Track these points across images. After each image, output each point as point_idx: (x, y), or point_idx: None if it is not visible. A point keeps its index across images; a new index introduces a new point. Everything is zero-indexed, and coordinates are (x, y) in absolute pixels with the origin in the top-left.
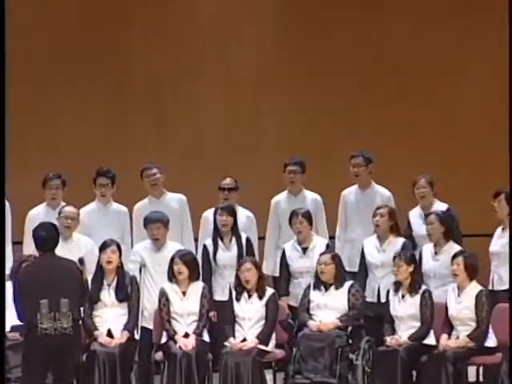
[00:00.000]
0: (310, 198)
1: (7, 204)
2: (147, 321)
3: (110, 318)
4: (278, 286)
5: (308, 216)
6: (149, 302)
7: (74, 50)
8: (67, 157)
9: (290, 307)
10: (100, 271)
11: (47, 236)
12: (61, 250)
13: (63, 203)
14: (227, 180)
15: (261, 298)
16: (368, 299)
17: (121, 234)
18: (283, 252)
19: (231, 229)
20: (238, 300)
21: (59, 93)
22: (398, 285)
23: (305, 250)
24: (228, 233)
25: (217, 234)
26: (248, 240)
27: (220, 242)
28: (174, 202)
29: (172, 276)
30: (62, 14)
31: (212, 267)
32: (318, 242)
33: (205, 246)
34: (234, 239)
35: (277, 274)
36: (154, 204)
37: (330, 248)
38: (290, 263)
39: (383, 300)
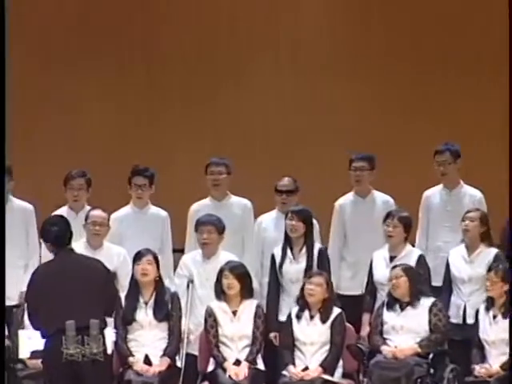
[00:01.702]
0: (381, 201)
1: (31, 207)
2: (192, 346)
3: (147, 342)
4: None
5: (405, 222)
6: (194, 324)
7: (103, 36)
8: (93, 154)
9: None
10: (135, 286)
11: (58, 230)
12: None
13: (88, 206)
14: (285, 181)
15: (324, 321)
16: (452, 320)
17: (160, 243)
18: (371, 261)
19: (302, 236)
20: (298, 319)
21: (85, 80)
22: (490, 302)
23: (392, 259)
24: (298, 241)
25: (287, 242)
26: (322, 251)
27: (289, 252)
28: (236, 206)
29: (220, 292)
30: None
31: (279, 282)
32: (410, 253)
33: (273, 257)
34: (304, 249)
35: (342, 292)
36: (214, 207)
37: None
38: (374, 272)
39: (470, 321)
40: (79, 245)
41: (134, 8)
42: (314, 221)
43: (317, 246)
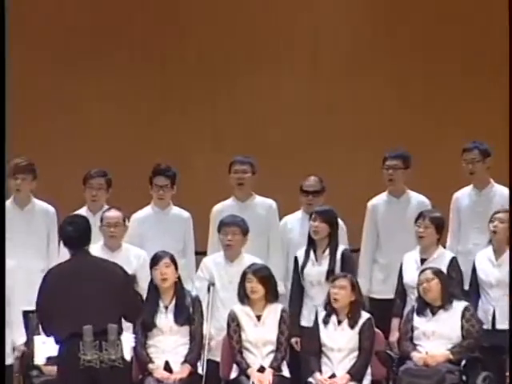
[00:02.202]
0: (416, 201)
1: (53, 210)
2: (214, 352)
3: (167, 348)
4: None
5: (437, 223)
6: (216, 329)
7: (115, 30)
8: (109, 155)
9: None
10: (154, 290)
11: (75, 230)
12: None
13: (106, 207)
14: (311, 180)
15: (352, 326)
16: None
17: (182, 245)
18: (401, 264)
19: (327, 238)
20: (325, 324)
21: (97, 77)
22: None
23: (423, 261)
24: (322, 243)
25: (310, 245)
26: (345, 253)
27: (312, 254)
28: (261, 207)
29: (244, 296)
30: None
31: (302, 285)
32: (442, 255)
33: (296, 259)
34: (327, 251)
35: (374, 295)
36: (237, 207)
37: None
38: (403, 275)
39: (501, 326)
40: (96, 247)
41: (140, 7)
42: (341, 222)
43: (340, 247)
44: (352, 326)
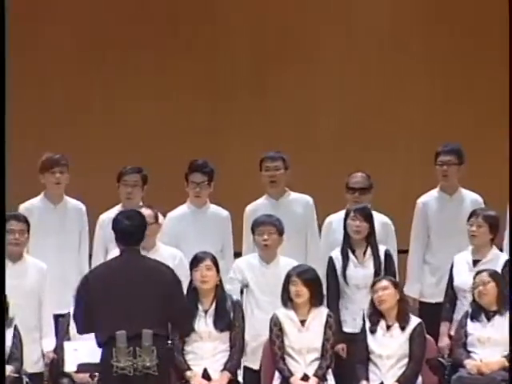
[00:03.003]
0: (470, 199)
1: (84, 207)
2: (249, 359)
3: (206, 355)
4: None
5: (491, 221)
6: (251, 335)
7: (153, 24)
8: (144, 151)
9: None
10: (193, 293)
11: (129, 225)
12: None
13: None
14: (358, 177)
15: (403, 328)
16: None
17: (221, 246)
18: (451, 265)
19: (366, 238)
20: (372, 332)
21: (131, 74)
22: None
23: (476, 263)
24: (361, 243)
25: (347, 245)
26: (388, 254)
27: (351, 255)
28: (297, 204)
29: (287, 299)
30: None
31: (341, 288)
32: (497, 257)
33: (331, 260)
34: (369, 252)
35: (425, 299)
36: (271, 205)
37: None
38: (454, 277)
39: None
40: None
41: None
42: (389, 221)
43: (382, 247)
44: (403, 328)
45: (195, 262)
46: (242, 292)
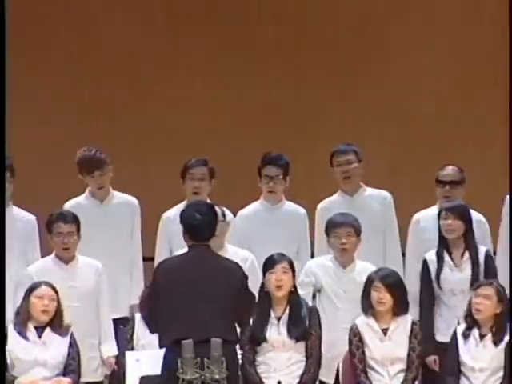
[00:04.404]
0: None
1: (135, 201)
2: (323, 372)
3: (280, 366)
4: None
5: None
6: (326, 344)
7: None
8: (212, 146)
9: None
10: (265, 299)
11: (201, 219)
12: None
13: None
14: (449, 170)
15: (496, 343)
16: None
17: (296, 247)
18: None
19: (464, 238)
20: (465, 339)
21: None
22: None
23: None
24: (458, 244)
25: (443, 246)
26: (488, 255)
27: (447, 257)
28: (374, 200)
29: (368, 306)
30: None
31: (435, 293)
32: None
33: (425, 262)
34: (467, 253)
35: None
36: (346, 202)
37: None
38: None
39: None
40: None
41: None
42: (483, 219)
43: (482, 248)
44: (496, 343)
45: (270, 263)
46: (314, 297)
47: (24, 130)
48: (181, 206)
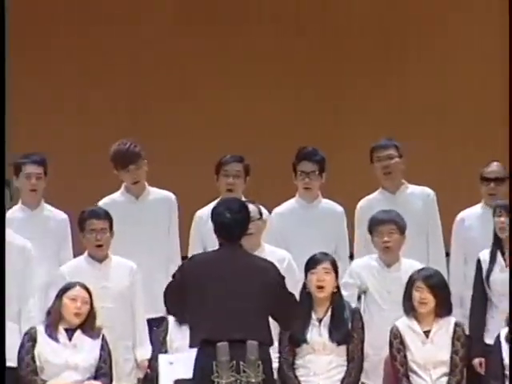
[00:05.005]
0: None
1: (172, 197)
2: (370, 375)
3: (320, 370)
4: None
5: None
6: (371, 347)
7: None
8: (246, 140)
9: None
10: (306, 299)
11: (232, 219)
12: None
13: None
14: (493, 166)
15: None
16: None
17: (334, 246)
18: None
19: None
20: (508, 342)
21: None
22: None
23: None
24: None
25: (497, 246)
26: None
27: (499, 257)
28: (417, 198)
29: (410, 308)
30: None
31: (487, 294)
32: None
33: (478, 262)
34: None
35: None
36: (387, 200)
37: None
38: None
39: None
40: None
41: None
42: None
43: None
44: None
45: (312, 263)
46: (358, 299)
47: (26, 129)
48: (214, 204)
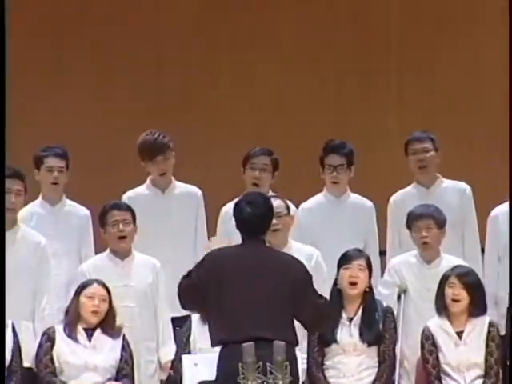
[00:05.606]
0: None
1: (198, 192)
2: (405, 376)
3: (350, 371)
4: None
5: None
6: (410, 348)
7: None
8: (275, 133)
9: None
10: (337, 297)
11: (253, 214)
12: None
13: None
14: None
15: None
16: None
17: (363, 242)
18: None
19: None
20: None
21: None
22: None
23: None
24: None
25: None
26: None
27: None
28: (452, 193)
29: (442, 306)
30: None
31: None
32: None
33: None
34: None
35: None
36: (422, 195)
37: None
38: None
39: None
40: None
41: None
42: None
43: None
44: None
45: (345, 259)
46: (398, 298)
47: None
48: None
